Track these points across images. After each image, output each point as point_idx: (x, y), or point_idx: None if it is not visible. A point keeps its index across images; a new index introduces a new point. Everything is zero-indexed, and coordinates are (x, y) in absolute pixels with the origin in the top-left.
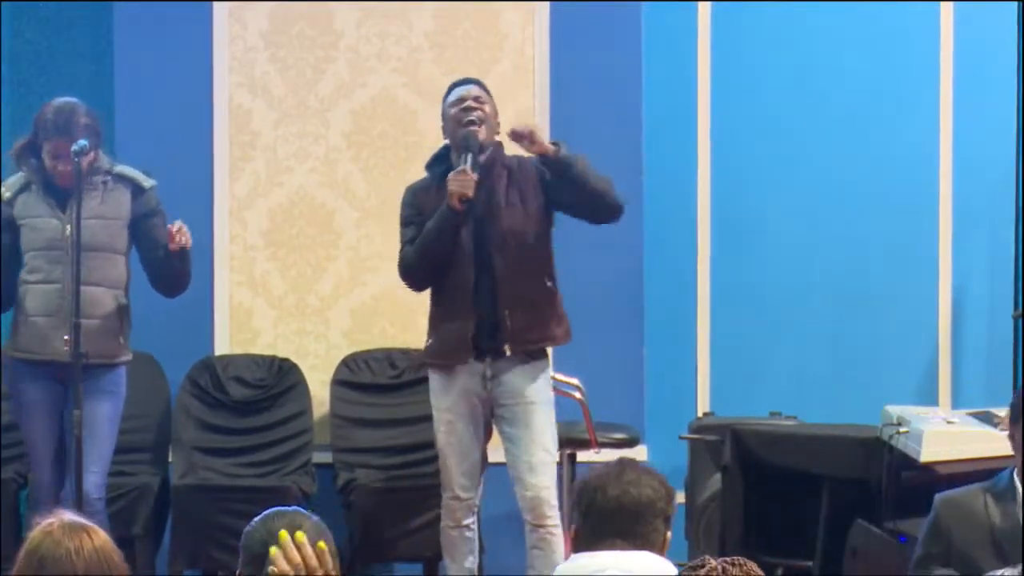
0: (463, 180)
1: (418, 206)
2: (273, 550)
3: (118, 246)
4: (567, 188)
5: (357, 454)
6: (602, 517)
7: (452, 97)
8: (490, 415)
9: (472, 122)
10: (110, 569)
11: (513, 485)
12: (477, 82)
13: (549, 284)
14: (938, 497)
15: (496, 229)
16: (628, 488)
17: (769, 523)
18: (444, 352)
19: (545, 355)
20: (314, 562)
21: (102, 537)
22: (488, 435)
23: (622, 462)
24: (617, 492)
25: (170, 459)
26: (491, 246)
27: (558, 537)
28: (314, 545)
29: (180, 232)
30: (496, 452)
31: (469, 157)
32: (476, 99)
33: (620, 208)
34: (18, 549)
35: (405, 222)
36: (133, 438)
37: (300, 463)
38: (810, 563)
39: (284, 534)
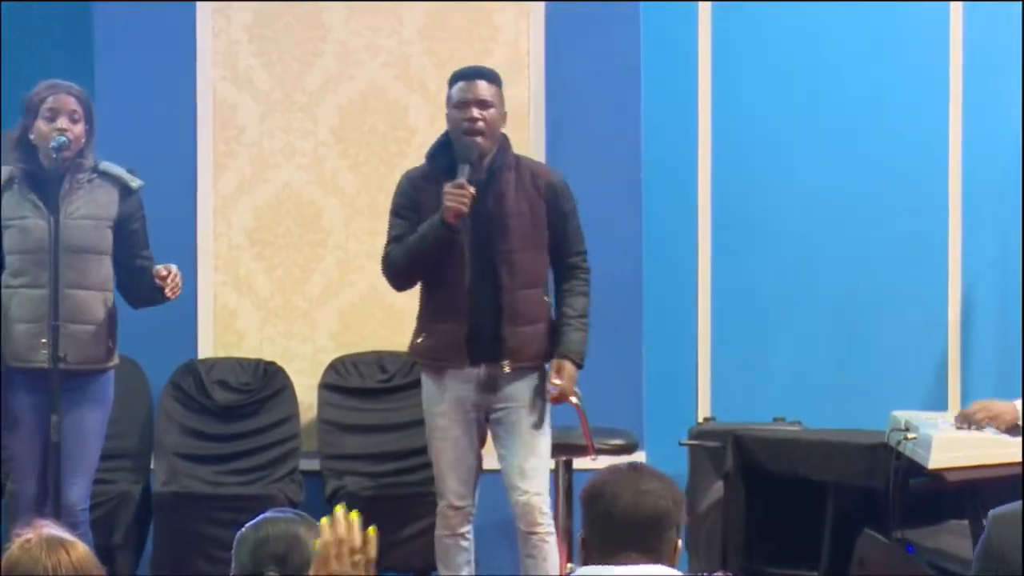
0: (460, 195)
1: (413, 197)
2: (324, 520)
3: (104, 247)
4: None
5: (346, 461)
6: (614, 528)
7: (455, 95)
8: (484, 420)
9: (472, 132)
10: None
11: (506, 492)
12: (485, 74)
13: (546, 298)
14: (991, 514)
15: (504, 239)
16: (642, 498)
17: (773, 532)
18: (436, 354)
19: (545, 364)
20: (358, 542)
21: (81, 551)
22: (483, 441)
23: (635, 467)
24: (630, 503)
25: (152, 466)
26: (497, 256)
27: (551, 545)
28: (364, 528)
29: (174, 280)
30: (490, 459)
31: (467, 169)
32: (480, 103)
33: None
34: None
35: (396, 212)
36: (113, 444)
37: (286, 470)
38: (815, 574)
39: (339, 507)
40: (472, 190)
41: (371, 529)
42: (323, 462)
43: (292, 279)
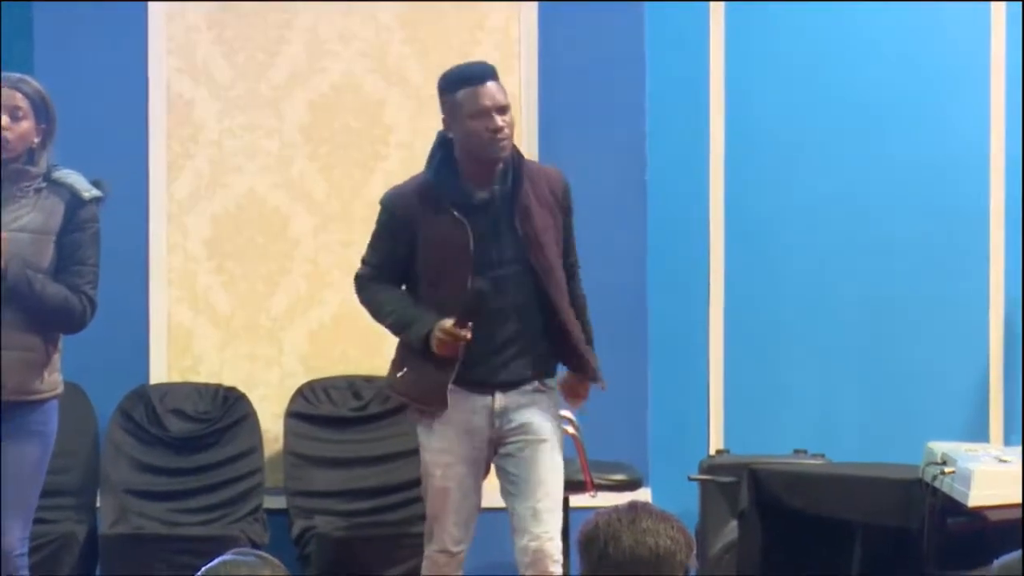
0: (454, 346)
1: (403, 219)
2: None
3: (44, 265)
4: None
5: (315, 498)
6: (612, 573)
7: (471, 101)
8: (493, 453)
9: (501, 141)
10: None
11: (512, 534)
12: (491, 73)
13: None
14: (996, 564)
15: (544, 257)
16: (644, 538)
17: None
18: (421, 397)
19: (553, 378)
20: None
21: None
22: (486, 474)
23: (635, 506)
24: (631, 543)
25: (98, 504)
26: (540, 275)
27: None
28: None
29: None
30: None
31: (483, 294)
32: (501, 110)
33: None
34: None
35: (381, 232)
36: (56, 480)
37: (249, 509)
38: None
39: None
40: (468, 336)
41: None
42: (290, 499)
43: (255, 295)
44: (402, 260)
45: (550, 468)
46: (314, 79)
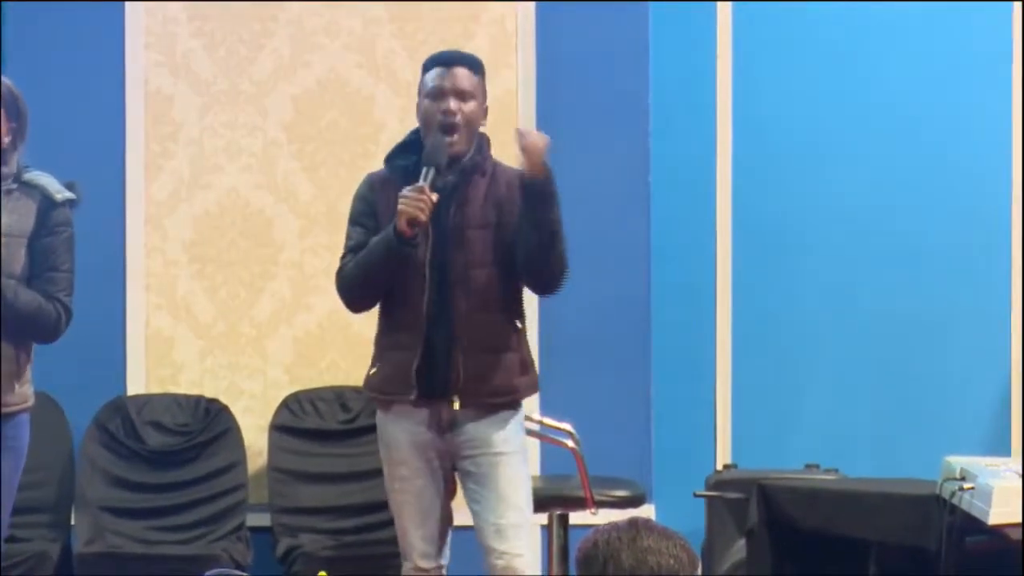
0: (417, 200)
1: (372, 202)
2: None
3: (14, 269)
4: (524, 223)
5: (301, 515)
6: None
7: (429, 82)
8: (451, 468)
9: (448, 127)
10: None
11: (482, 554)
12: (467, 61)
13: (518, 324)
14: None
15: (461, 252)
16: (645, 557)
17: None
18: (384, 387)
19: (516, 403)
20: None
21: None
22: (452, 491)
23: (635, 523)
24: (632, 562)
25: (72, 522)
26: (453, 272)
27: None
28: None
29: None
30: (462, 512)
31: (431, 173)
32: (459, 95)
33: (559, 283)
34: None
35: (353, 219)
36: (28, 496)
37: (232, 526)
38: None
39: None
40: (433, 197)
41: None
42: (274, 516)
43: (238, 301)
44: None
45: (511, 482)
46: (299, 74)
